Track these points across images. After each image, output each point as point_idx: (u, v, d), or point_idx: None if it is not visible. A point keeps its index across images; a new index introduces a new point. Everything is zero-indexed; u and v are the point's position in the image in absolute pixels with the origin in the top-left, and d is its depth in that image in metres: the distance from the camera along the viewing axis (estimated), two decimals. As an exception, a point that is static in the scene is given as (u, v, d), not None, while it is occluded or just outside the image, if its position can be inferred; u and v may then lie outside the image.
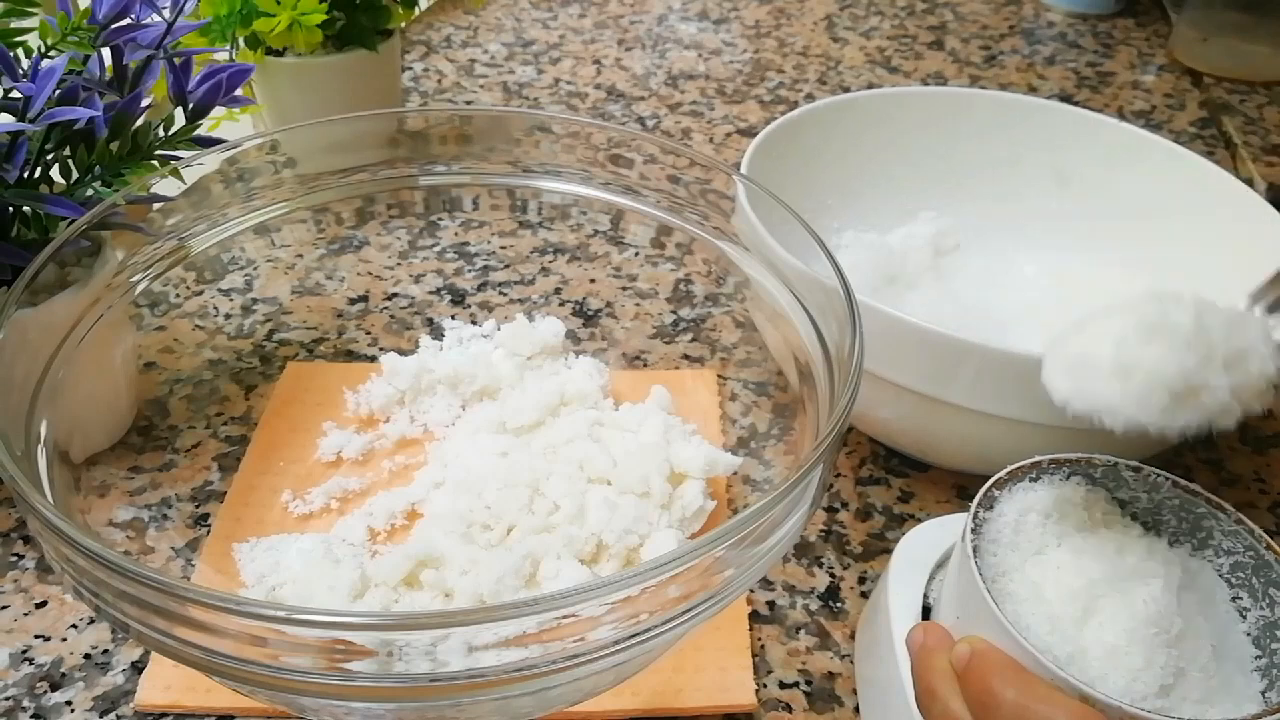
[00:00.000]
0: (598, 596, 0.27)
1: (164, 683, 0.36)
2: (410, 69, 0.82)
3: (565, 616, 0.27)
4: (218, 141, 0.44)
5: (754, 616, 0.40)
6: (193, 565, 0.39)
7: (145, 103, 0.42)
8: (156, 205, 0.43)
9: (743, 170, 0.49)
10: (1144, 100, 0.82)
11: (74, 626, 0.39)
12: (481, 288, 0.56)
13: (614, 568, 0.38)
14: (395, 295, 0.55)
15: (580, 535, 0.38)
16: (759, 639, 0.39)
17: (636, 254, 0.57)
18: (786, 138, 0.52)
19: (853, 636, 0.39)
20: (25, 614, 0.39)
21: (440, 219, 0.58)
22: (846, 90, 0.81)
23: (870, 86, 0.82)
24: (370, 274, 0.56)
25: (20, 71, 0.37)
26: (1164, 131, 0.76)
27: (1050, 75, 0.85)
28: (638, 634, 0.29)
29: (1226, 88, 0.82)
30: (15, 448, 0.30)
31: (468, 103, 0.78)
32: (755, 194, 0.42)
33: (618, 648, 0.28)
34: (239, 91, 0.44)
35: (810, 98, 0.80)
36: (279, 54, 0.59)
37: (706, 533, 0.27)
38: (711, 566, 0.28)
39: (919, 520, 0.45)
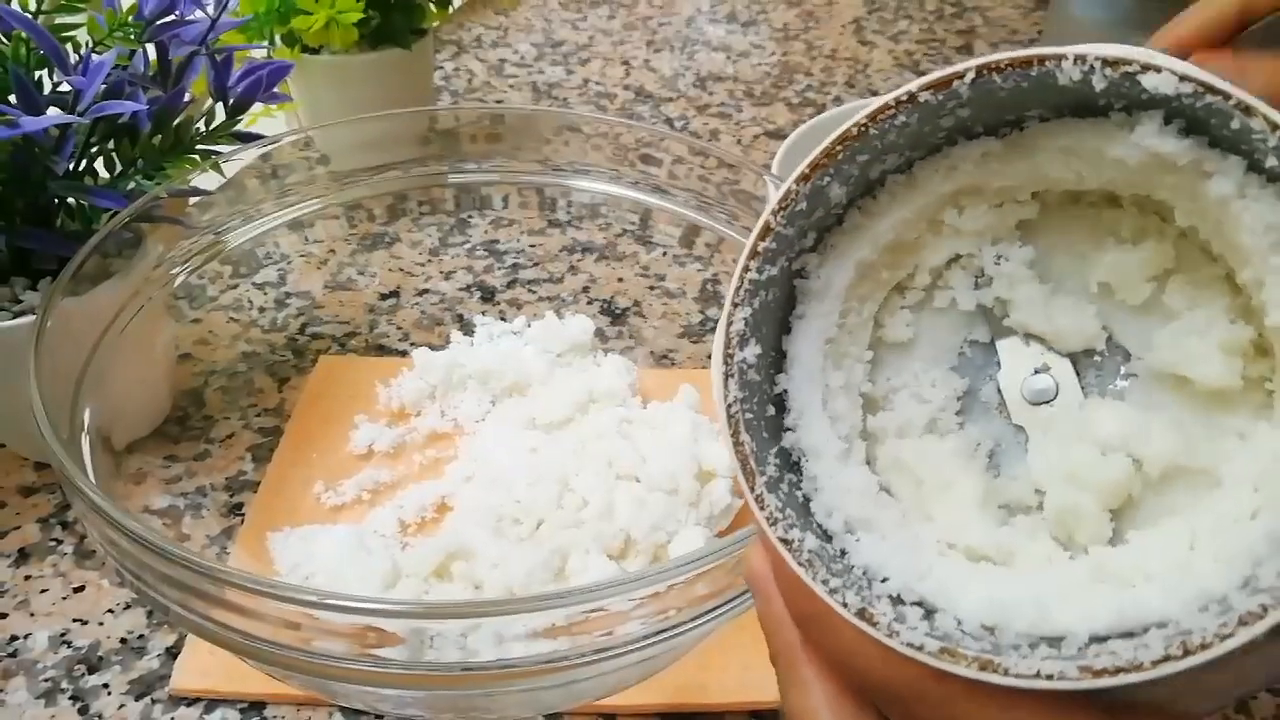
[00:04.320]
0: (626, 591, 0.27)
1: (198, 668, 0.37)
2: (441, 68, 0.82)
3: (593, 610, 0.28)
4: (257, 137, 0.45)
5: (779, 615, 0.40)
6: (227, 553, 0.40)
7: (186, 98, 0.43)
8: (194, 200, 0.44)
9: (773, 173, 0.49)
10: (1176, 106, 0.81)
11: (110, 611, 0.39)
12: (511, 285, 0.56)
13: (642, 563, 0.39)
14: (426, 291, 0.56)
15: (609, 531, 0.38)
16: (783, 638, 0.39)
17: (665, 253, 0.57)
18: (816, 140, 0.52)
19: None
20: (64, 598, 0.40)
21: (471, 216, 0.59)
22: (875, 94, 0.81)
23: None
24: (401, 270, 0.57)
25: (70, 66, 0.38)
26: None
27: (1081, 80, 0.84)
28: (665, 630, 0.29)
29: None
30: (61, 432, 0.31)
31: (498, 102, 0.78)
32: (786, 195, 0.42)
33: (645, 643, 0.29)
34: (276, 88, 0.45)
35: (838, 101, 0.80)
36: (315, 52, 0.60)
37: (734, 530, 0.27)
38: (739, 564, 0.28)
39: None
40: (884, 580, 0.19)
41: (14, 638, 0.38)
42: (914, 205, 0.22)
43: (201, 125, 0.44)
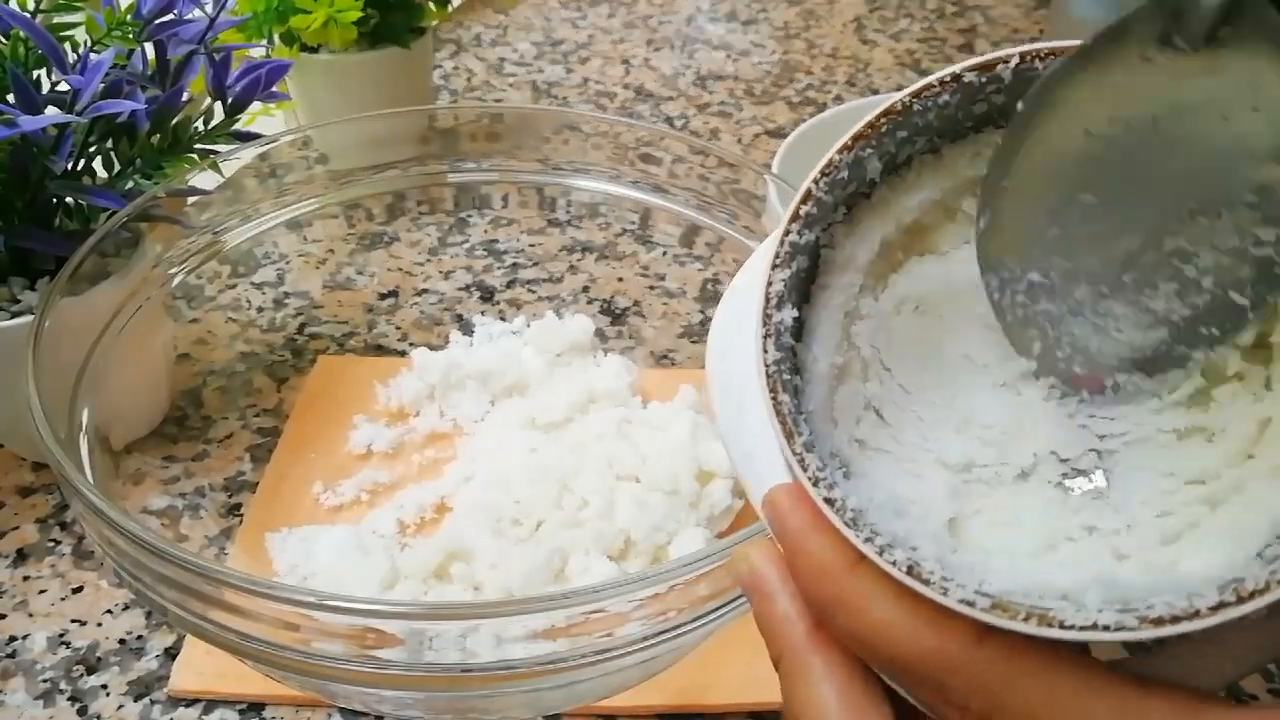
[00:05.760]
0: (626, 593, 0.27)
1: (197, 669, 0.36)
2: (440, 67, 0.82)
3: (593, 612, 0.28)
4: (255, 136, 0.45)
5: (779, 616, 0.40)
6: (226, 554, 0.40)
7: (184, 97, 0.43)
8: (192, 199, 0.44)
9: (774, 172, 0.49)
10: (1177, 105, 0.81)
11: (109, 612, 0.39)
12: (510, 285, 0.56)
13: (642, 564, 0.38)
14: (425, 291, 0.56)
15: (609, 531, 0.38)
16: (784, 639, 0.39)
17: (665, 253, 0.57)
18: (817, 139, 0.52)
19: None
20: (62, 598, 0.40)
21: (470, 216, 0.59)
22: (875, 93, 0.81)
23: (899, 89, 0.82)
24: (400, 270, 0.57)
25: (69, 65, 0.38)
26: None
27: (1082, 79, 0.84)
28: (665, 631, 0.29)
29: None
30: (59, 432, 0.30)
31: (497, 101, 0.78)
32: (787, 194, 0.42)
33: (646, 644, 0.29)
34: (275, 87, 0.45)
35: (839, 100, 0.80)
36: (313, 51, 0.60)
37: (734, 532, 0.27)
38: (734, 565, 0.28)
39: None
40: (914, 549, 0.18)
41: (12, 638, 0.38)
42: (939, 187, 0.22)
43: (200, 124, 0.44)
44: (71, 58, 0.39)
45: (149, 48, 0.41)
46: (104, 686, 0.37)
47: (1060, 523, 0.20)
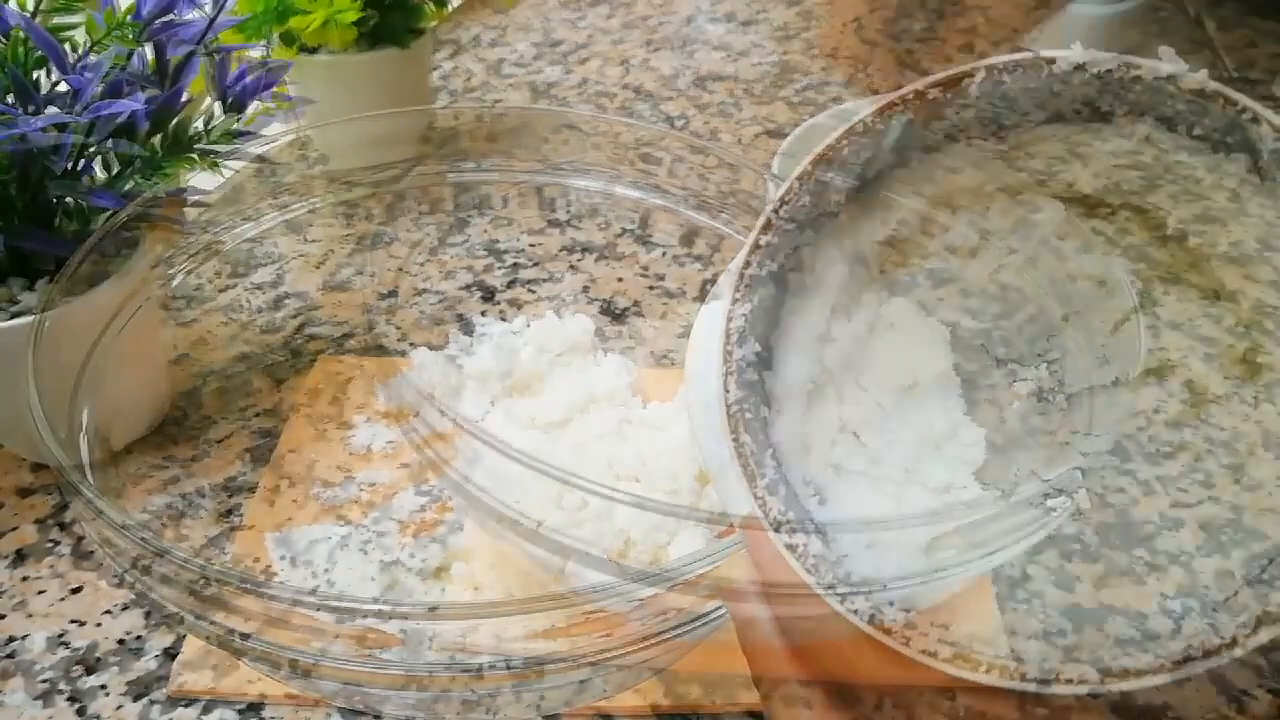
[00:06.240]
0: (626, 593, 0.27)
1: (196, 669, 0.36)
2: (439, 68, 0.82)
3: (593, 612, 0.28)
4: (255, 136, 0.45)
5: (778, 616, 0.40)
6: (225, 554, 0.40)
7: (184, 97, 0.43)
8: (192, 199, 0.44)
9: (773, 172, 0.49)
10: (1176, 105, 0.81)
11: (108, 612, 0.39)
12: (510, 285, 0.56)
13: (642, 564, 0.38)
14: (425, 291, 0.56)
15: (609, 531, 0.38)
16: (783, 639, 0.39)
17: (665, 253, 0.57)
18: (817, 139, 0.52)
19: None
20: (61, 599, 0.40)
21: (470, 216, 0.59)
22: (875, 93, 0.81)
23: (899, 89, 0.82)
24: (400, 270, 0.57)
25: (69, 65, 0.38)
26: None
27: (1081, 79, 0.84)
28: (664, 631, 0.29)
29: (1261, 91, 0.81)
30: (59, 432, 0.30)
31: (496, 101, 0.78)
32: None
33: (646, 644, 0.29)
34: (275, 88, 0.45)
35: (838, 100, 0.80)
36: (312, 51, 0.60)
37: (734, 532, 0.27)
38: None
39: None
40: (883, 587, 0.18)
41: (11, 639, 0.38)
42: (910, 203, 0.22)
43: (200, 124, 0.44)
44: (71, 58, 0.39)
45: (149, 48, 0.41)
46: (103, 687, 0.37)
47: (1041, 547, 0.20)
